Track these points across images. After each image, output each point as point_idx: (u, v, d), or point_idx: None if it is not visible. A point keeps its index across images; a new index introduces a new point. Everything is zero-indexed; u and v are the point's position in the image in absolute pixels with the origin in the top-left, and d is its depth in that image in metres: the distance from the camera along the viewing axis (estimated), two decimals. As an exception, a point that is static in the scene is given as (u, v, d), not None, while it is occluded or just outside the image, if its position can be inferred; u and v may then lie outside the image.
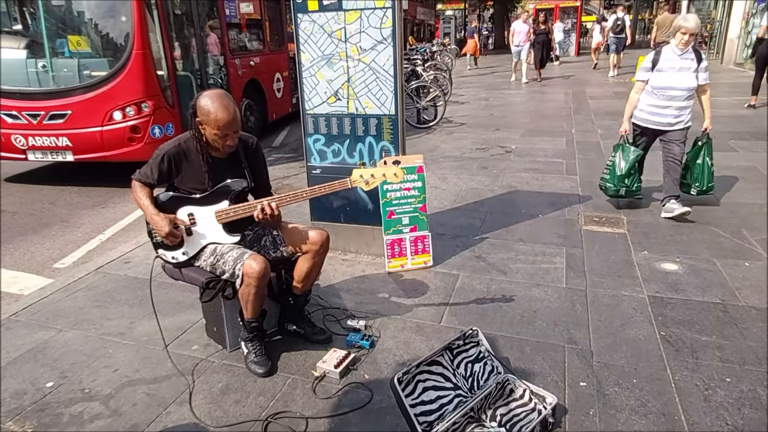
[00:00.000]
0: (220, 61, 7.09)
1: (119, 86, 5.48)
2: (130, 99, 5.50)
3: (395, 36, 3.26)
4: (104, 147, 5.60)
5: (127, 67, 5.46)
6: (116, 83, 5.48)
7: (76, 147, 5.61)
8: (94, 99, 5.49)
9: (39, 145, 5.65)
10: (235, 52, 7.43)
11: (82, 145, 5.60)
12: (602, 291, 3.16)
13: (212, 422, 2.21)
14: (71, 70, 5.68)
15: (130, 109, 5.53)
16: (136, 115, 5.56)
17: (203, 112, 2.29)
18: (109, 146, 5.59)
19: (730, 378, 2.36)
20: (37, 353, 2.73)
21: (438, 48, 15.37)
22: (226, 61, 7.12)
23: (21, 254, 4.26)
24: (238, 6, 7.61)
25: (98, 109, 5.49)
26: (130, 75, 5.48)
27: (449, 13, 35.06)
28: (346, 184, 2.40)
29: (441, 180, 5.55)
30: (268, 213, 2.34)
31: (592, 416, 2.16)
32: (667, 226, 4.09)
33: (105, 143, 5.58)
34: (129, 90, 5.50)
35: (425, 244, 3.55)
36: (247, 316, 2.47)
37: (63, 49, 5.71)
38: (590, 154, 6.36)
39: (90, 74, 5.61)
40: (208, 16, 6.96)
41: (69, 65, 5.69)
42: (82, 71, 5.64)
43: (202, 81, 6.62)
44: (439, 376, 2.21)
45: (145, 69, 5.52)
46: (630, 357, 2.53)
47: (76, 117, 5.51)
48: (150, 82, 5.60)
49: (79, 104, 5.51)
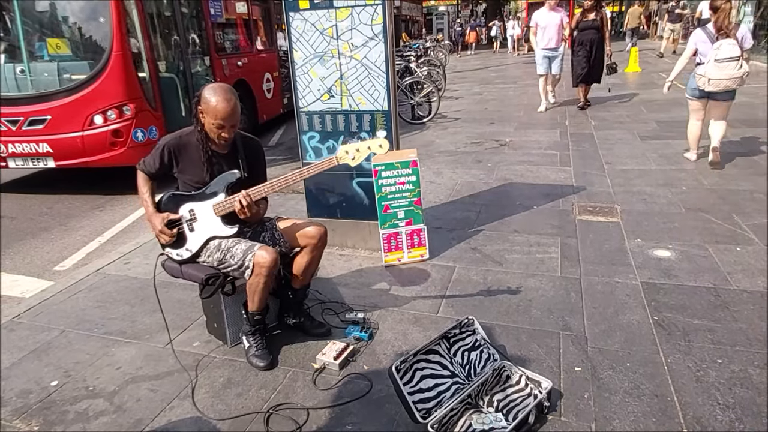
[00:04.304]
0: (205, 62, 6.93)
1: (99, 89, 5.33)
2: (110, 102, 5.35)
3: (386, 32, 3.30)
4: (86, 152, 5.43)
5: (107, 70, 5.30)
6: (96, 86, 5.32)
7: (57, 153, 5.46)
8: (73, 103, 5.34)
9: (19, 151, 5.50)
10: (222, 52, 7.28)
11: (63, 151, 5.45)
12: (596, 279, 3.21)
13: (215, 415, 2.25)
14: (50, 74, 5.52)
15: (112, 113, 5.36)
16: (117, 119, 5.39)
17: (205, 101, 2.36)
18: (91, 151, 5.43)
19: (722, 359, 2.41)
20: (40, 353, 2.77)
21: (431, 44, 15.43)
22: (212, 61, 6.96)
23: (21, 258, 4.29)
24: (224, 5, 7.48)
25: (78, 114, 5.34)
26: (110, 77, 5.32)
27: (442, 9, 35.09)
28: (333, 162, 2.41)
29: (436, 174, 5.59)
30: (245, 204, 2.37)
31: (587, 399, 2.21)
32: (660, 213, 4.15)
33: (87, 148, 5.42)
34: (109, 93, 5.34)
35: (421, 238, 3.60)
36: (253, 308, 2.52)
37: (42, 52, 5.59)
38: (584, 145, 6.40)
39: (70, 78, 5.45)
40: (193, 16, 6.78)
41: (48, 69, 5.54)
42: (62, 75, 5.48)
43: (187, 82, 6.46)
44: (437, 364, 2.25)
45: (125, 71, 5.37)
46: (624, 342, 2.58)
47: (56, 122, 5.36)
48: (131, 85, 5.44)
49: (59, 109, 5.35)
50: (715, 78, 4.73)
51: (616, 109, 8.54)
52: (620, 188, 4.77)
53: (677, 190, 4.64)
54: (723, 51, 4.67)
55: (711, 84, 4.77)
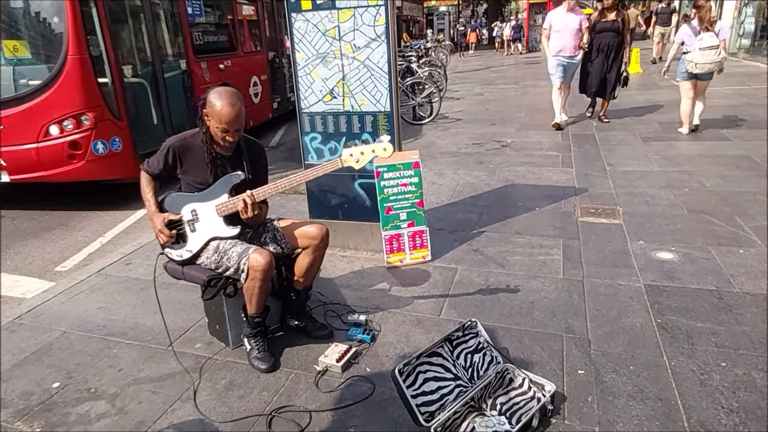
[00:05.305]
0: (181, 65, 6.36)
1: (53, 97, 4.82)
2: (67, 111, 4.83)
3: (389, 33, 3.29)
4: (42, 166, 4.95)
5: (62, 75, 4.79)
6: (50, 94, 4.81)
7: (11, 166, 5.01)
8: (26, 112, 4.84)
9: None
10: (201, 54, 6.72)
11: (17, 164, 4.99)
12: (599, 281, 3.20)
13: (217, 418, 2.24)
14: (6, 79, 5.02)
15: (68, 123, 4.86)
16: (75, 129, 4.88)
17: (210, 104, 2.36)
18: (47, 165, 4.95)
19: (725, 362, 2.40)
20: (42, 355, 2.77)
21: (432, 44, 15.43)
22: (189, 64, 6.40)
23: (22, 258, 4.29)
24: (204, 3, 6.92)
25: (32, 124, 4.85)
26: (65, 84, 4.80)
27: (443, 9, 35.08)
28: (337, 164, 2.41)
29: (438, 176, 5.59)
30: (249, 204, 2.38)
31: (591, 403, 2.20)
32: (663, 215, 4.14)
33: (42, 161, 4.93)
34: (65, 101, 4.83)
35: (423, 239, 3.59)
36: (251, 311, 2.51)
37: None
38: (585, 146, 6.40)
39: (27, 83, 4.97)
40: (167, 15, 6.21)
41: (3, 74, 5.04)
42: (18, 80, 5.01)
43: (158, 88, 5.91)
44: (440, 367, 2.25)
45: (83, 76, 4.84)
46: (627, 344, 2.57)
47: (9, 132, 4.88)
48: (90, 92, 4.92)
49: (11, 118, 4.87)
50: (700, 62, 5.99)
51: (617, 110, 8.52)
52: (622, 190, 4.77)
53: (679, 192, 4.63)
54: (705, 41, 5.92)
55: (697, 67, 6.04)
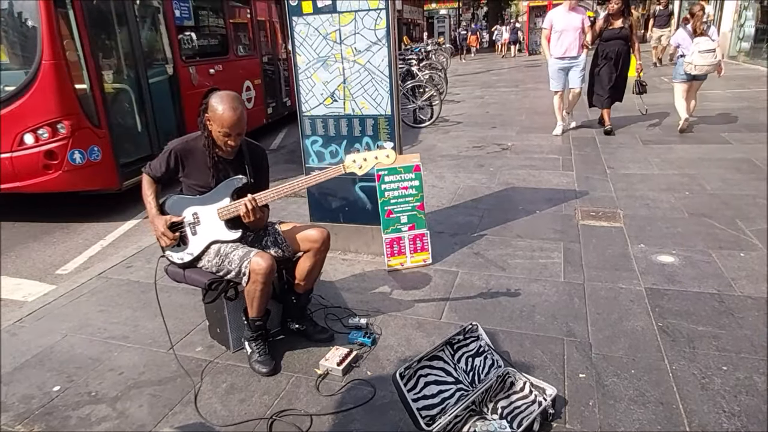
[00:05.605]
0: (168, 70, 6.16)
1: (28, 104, 4.60)
2: (42, 119, 4.62)
3: (389, 37, 3.30)
4: (17, 176, 4.74)
5: (36, 82, 4.56)
6: (24, 101, 4.59)
7: None
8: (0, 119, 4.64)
9: None
10: (190, 59, 6.53)
11: None
12: (600, 284, 3.19)
13: (218, 421, 2.24)
14: None
15: (43, 131, 4.64)
16: (51, 138, 4.66)
17: (212, 109, 2.37)
18: (22, 175, 4.74)
19: (727, 366, 2.40)
20: (43, 358, 2.76)
21: (433, 47, 15.47)
22: (176, 69, 6.20)
23: (23, 261, 4.29)
24: (192, 6, 6.68)
25: (6, 132, 4.63)
26: (39, 90, 4.58)
27: (443, 12, 35.21)
28: (340, 170, 2.41)
29: (438, 179, 5.59)
30: (251, 208, 2.38)
31: (592, 406, 2.20)
32: (663, 218, 4.14)
33: (17, 172, 4.71)
34: (40, 108, 4.61)
35: (424, 242, 3.59)
36: (252, 314, 2.51)
37: None
38: (586, 149, 6.40)
39: (2, 89, 4.75)
40: (152, 18, 6.03)
41: None
42: None
43: (143, 94, 5.68)
44: (440, 370, 2.25)
45: (58, 83, 4.61)
46: (628, 348, 2.57)
47: None
48: (66, 99, 4.69)
49: None
50: (699, 64, 6.34)
51: (617, 112, 8.52)
52: (623, 193, 4.77)
53: (680, 195, 4.63)
54: (702, 45, 6.25)
55: (696, 69, 6.38)
